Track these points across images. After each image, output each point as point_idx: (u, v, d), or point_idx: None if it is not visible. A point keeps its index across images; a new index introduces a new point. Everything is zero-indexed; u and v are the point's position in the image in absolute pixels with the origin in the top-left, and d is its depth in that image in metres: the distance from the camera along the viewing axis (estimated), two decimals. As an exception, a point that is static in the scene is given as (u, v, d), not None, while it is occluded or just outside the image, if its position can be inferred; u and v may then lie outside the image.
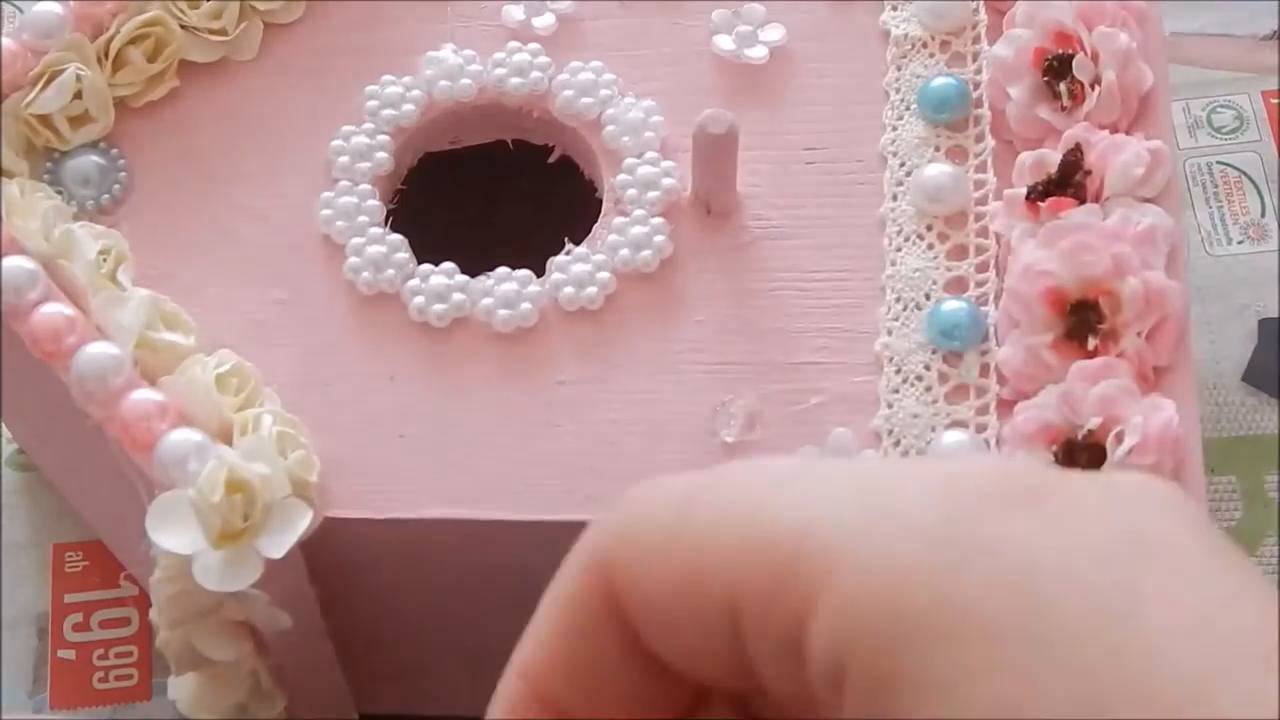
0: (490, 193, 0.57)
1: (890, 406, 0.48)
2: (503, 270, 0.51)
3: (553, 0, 0.56)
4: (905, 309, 0.50)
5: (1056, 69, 0.52)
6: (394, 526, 0.47)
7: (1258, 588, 0.23)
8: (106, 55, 0.54)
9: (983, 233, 0.51)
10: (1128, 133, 0.51)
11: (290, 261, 0.52)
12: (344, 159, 0.53)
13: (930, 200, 0.51)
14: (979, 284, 0.50)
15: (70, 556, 0.63)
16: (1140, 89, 0.51)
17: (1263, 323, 0.65)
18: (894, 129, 0.53)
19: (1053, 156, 0.50)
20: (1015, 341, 0.48)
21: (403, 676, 0.55)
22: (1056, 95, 0.51)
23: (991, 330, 0.49)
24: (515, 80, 0.54)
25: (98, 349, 0.48)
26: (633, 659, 0.27)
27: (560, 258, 0.51)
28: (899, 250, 0.51)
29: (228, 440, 0.47)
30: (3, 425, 0.65)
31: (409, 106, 0.54)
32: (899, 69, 0.54)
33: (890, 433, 0.48)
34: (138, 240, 0.52)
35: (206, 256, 0.52)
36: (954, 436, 0.48)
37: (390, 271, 0.51)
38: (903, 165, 0.52)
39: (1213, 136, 0.70)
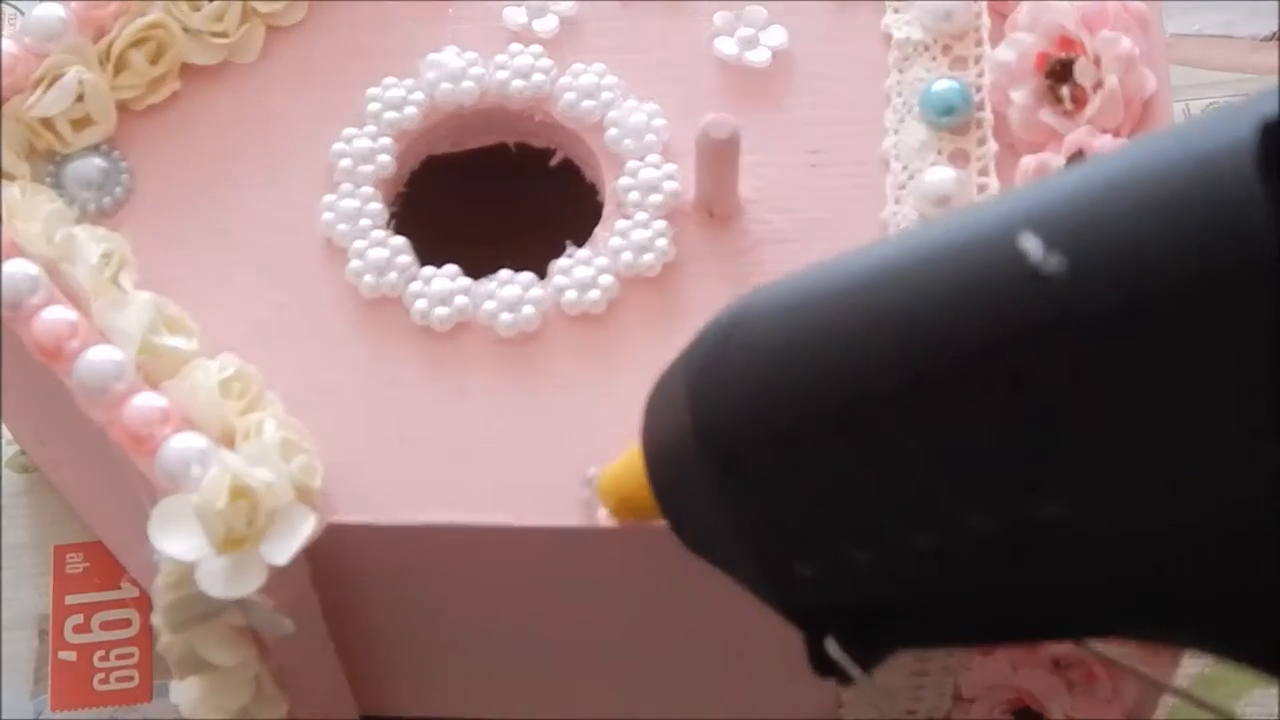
0: (492, 196, 0.57)
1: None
2: (505, 273, 0.51)
3: (555, 2, 0.56)
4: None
5: (1059, 73, 0.52)
6: (397, 532, 0.47)
7: None
8: (108, 58, 0.54)
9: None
10: (1130, 136, 0.51)
11: (292, 265, 0.52)
12: (346, 162, 0.53)
13: (932, 204, 0.51)
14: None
15: (71, 558, 0.63)
16: (1143, 94, 0.51)
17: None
18: (896, 132, 0.53)
19: (1055, 160, 0.50)
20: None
21: (406, 681, 0.55)
22: (1059, 99, 0.51)
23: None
24: (517, 83, 0.54)
25: (100, 353, 0.48)
26: None
27: (562, 260, 0.51)
28: (901, 254, 0.51)
29: (230, 445, 0.47)
30: (4, 427, 0.65)
31: (411, 109, 0.54)
32: (901, 72, 0.54)
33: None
34: (140, 244, 0.51)
35: (209, 260, 0.52)
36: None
37: (392, 275, 0.51)
38: (905, 169, 0.52)
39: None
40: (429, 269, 0.51)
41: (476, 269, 0.51)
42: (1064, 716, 0.49)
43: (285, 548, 0.45)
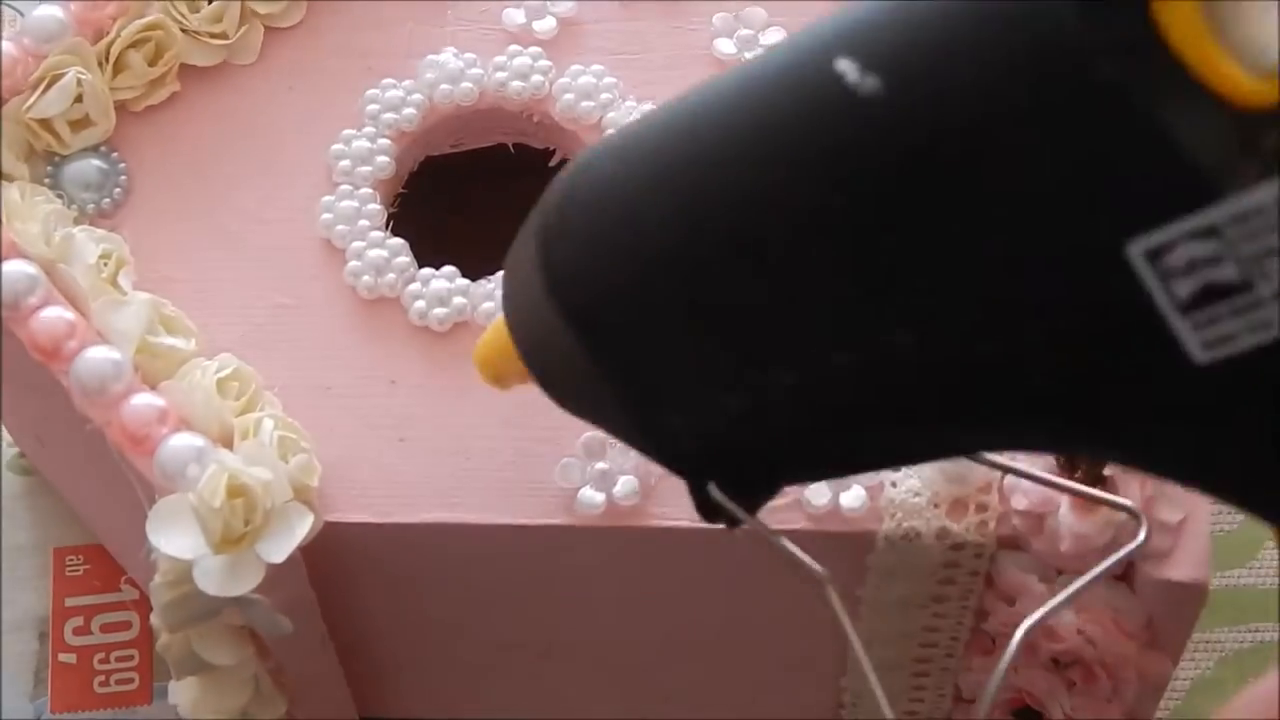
0: (491, 196, 0.57)
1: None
2: (503, 274, 0.51)
3: (553, 3, 0.56)
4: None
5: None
6: (395, 531, 0.47)
7: None
8: (107, 59, 0.54)
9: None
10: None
11: (291, 265, 0.52)
12: (345, 163, 0.53)
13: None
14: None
15: (71, 560, 0.63)
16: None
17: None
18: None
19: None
20: None
21: (404, 680, 0.55)
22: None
23: None
24: (516, 84, 0.54)
25: (98, 353, 0.48)
26: None
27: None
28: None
29: (228, 445, 0.47)
30: (3, 429, 0.65)
31: (410, 110, 0.54)
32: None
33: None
34: (138, 244, 0.52)
35: (207, 260, 0.52)
36: None
37: (391, 276, 0.51)
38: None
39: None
40: (427, 270, 0.51)
41: (475, 270, 0.51)
42: (1064, 716, 0.49)
43: (282, 546, 0.45)
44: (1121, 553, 0.42)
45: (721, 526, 0.38)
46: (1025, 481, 0.46)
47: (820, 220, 0.32)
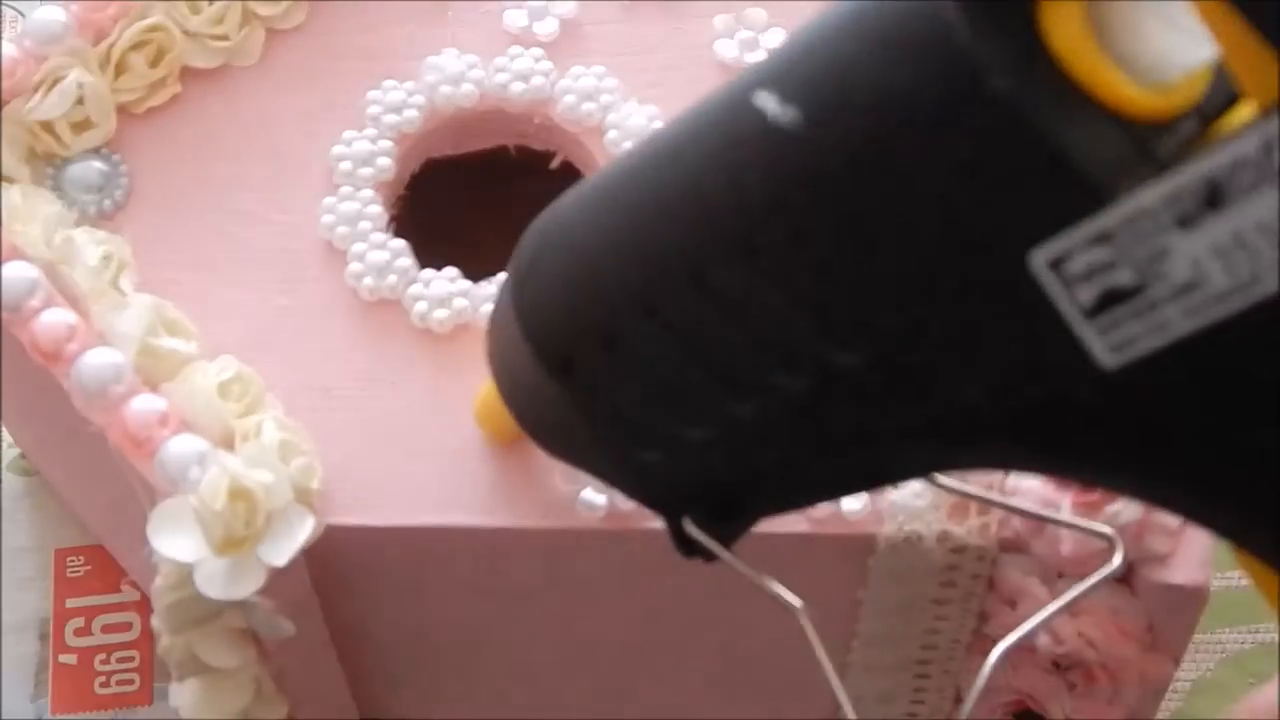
0: (492, 198, 0.57)
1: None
2: (505, 276, 0.51)
3: (555, 4, 0.56)
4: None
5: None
6: (396, 533, 0.47)
7: None
8: (108, 61, 0.54)
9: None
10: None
11: (292, 267, 0.52)
12: (346, 164, 0.53)
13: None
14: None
15: (72, 561, 0.63)
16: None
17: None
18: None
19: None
20: None
21: (406, 683, 0.55)
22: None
23: None
24: (517, 85, 0.54)
25: (99, 355, 0.48)
26: None
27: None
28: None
29: (229, 447, 0.47)
30: (3, 429, 0.65)
31: (411, 112, 0.54)
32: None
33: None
34: (139, 246, 0.51)
35: (208, 262, 0.52)
36: None
37: (392, 277, 0.51)
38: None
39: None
40: (429, 272, 0.51)
41: (476, 272, 0.51)
42: (1064, 717, 0.49)
43: (284, 549, 0.45)
44: (1095, 578, 0.42)
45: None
46: (1026, 483, 0.46)
47: (755, 249, 0.33)
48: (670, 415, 0.36)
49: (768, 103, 0.32)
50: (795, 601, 0.41)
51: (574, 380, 0.37)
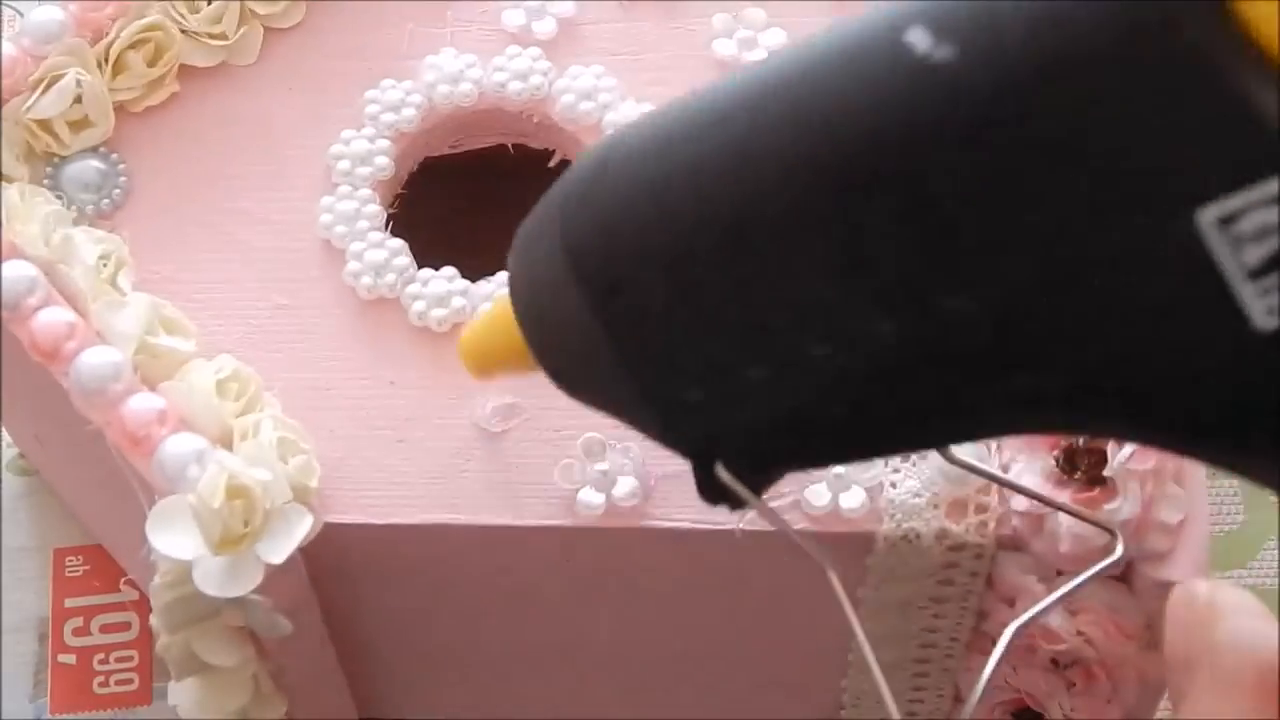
0: (490, 197, 0.57)
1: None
2: (503, 275, 0.51)
3: (553, 3, 0.56)
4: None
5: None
6: (395, 532, 0.47)
7: None
8: (106, 60, 0.54)
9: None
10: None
11: (290, 266, 0.52)
12: (344, 163, 0.53)
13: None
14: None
15: (71, 561, 0.63)
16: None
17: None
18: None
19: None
20: None
21: (404, 681, 0.55)
22: None
23: None
24: (515, 84, 0.54)
25: (98, 354, 0.48)
26: None
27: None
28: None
29: (228, 446, 0.47)
30: (3, 429, 0.65)
31: (409, 111, 0.54)
32: (899, 73, 0.54)
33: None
34: (138, 245, 0.52)
35: (206, 261, 0.52)
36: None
37: (390, 276, 0.51)
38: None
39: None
40: (427, 271, 0.51)
41: (474, 271, 0.51)
42: (1064, 717, 0.49)
43: (282, 547, 0.45)
44: (1097, 567, 0.42)
45: (721, 526, 0.37)
46: (1024, 481, 0.46)
47: (880, 184, 0.32)
48: (730, 350, 0.34)
49: (919, 39, 0.31)
50: (823, 559, 0.39)
51: (618, 308, 0.35)
